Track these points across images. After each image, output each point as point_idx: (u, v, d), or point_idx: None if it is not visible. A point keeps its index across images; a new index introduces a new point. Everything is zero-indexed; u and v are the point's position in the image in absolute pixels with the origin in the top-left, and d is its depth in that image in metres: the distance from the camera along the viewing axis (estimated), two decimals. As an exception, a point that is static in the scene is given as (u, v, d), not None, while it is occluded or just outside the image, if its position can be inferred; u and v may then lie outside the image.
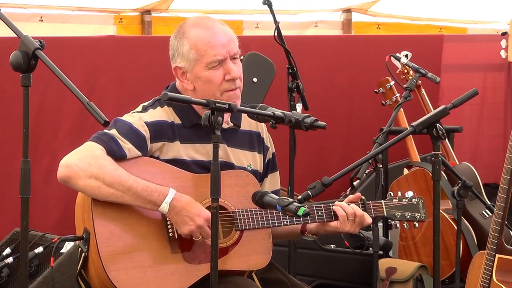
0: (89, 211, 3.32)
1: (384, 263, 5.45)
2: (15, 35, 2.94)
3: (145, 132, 3.42)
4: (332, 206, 3.54)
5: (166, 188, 3.35)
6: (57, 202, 5.69)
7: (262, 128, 3.67)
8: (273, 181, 3.73)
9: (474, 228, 5.56)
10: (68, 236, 3.66)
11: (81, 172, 3.28)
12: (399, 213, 3.68)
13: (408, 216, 3.69)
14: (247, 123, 3.62)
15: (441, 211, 3.95)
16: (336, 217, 3.53)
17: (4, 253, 4.81)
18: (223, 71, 3.46)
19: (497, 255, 4.15)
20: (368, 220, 3.55)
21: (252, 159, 3.63)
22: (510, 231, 5.25)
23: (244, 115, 3.58)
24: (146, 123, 3.43)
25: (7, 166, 5.58)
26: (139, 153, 3.40)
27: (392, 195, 3.72)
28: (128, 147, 3.37)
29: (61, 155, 3.36)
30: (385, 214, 3.66)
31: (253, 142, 3.64)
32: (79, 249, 3.37)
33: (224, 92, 3.46)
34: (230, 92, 3.46)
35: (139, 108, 3.53)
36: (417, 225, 3.71)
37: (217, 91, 3.45)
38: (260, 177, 3.67)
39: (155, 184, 3.35)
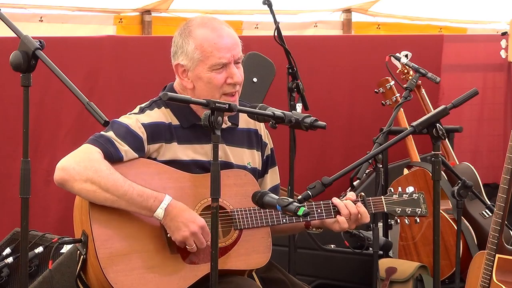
0: (87, 213, 3.32)
1: (384, 263, 5.45)
2: (15, 35, 2.94)
3: (142, 133, 3.41)
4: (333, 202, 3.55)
5: (162, 195, 3.34)
6: (57, 202, 5.68)
7: (259, 125, 3.67)
8: (273, 176, 3.75)
9: (474, 228, 5.56)
10: (66, 239, 3.66)
11: (77, 176, 3.28)
12: (400, 209, 3.67)
13: (409, 212, 3.68)
14: (244, 121, 3.63)
15: (441, 211, 3.95)
16: (335, 214, 3.54)
17: (4, 253, 4.81)
18: (226, 74, 3.46)
19: (497, 255, 4.15)
20: (366, 219, 3.56)
21: (251, 157, 3.63)
22: (510, 231, 5.25)
23: (241, 113, 3.58)
24: (143, 124, 3.43)
25: (7, 166, 5.57)
26: (136, 155, 3.39)
27: (393, 190, 3.71)
28: (125, 149, 3.36)
29: (61, 155, 3.36)
30: (385, 210, 3.66)
31: (251, 139, 3.64)
32: (78, 252, 3.37)
33: (223, 95, 3.46)
34: (229, 96, 3.47)
35: (136, 110, 3.52)
36: (418, 220, 3.70)
37: (216, 93, 3.45)
38: (259, 174, 3.68)
39: (151, 190, 3.34)
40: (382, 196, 3.68)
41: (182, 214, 3.34)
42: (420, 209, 3.69)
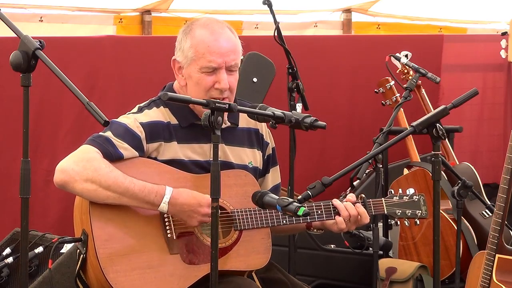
0: (87, 213, 3.32)
1: (384, 263, 5.45)
2: (15, 35, 2.94)
3: (140, 132, 3.41)
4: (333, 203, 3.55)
5: (163, 187, 3.34)
6: (57, 202, 5.68)
7: (261, 124, 3.67)
8: (274, 176, 3.75)
9: (474, 228, 5.56)
10: (66, 238, 3.66)
11: (77, 176, 3.28)
12: (400, 211, 3.67)
13: (409, 214, 3.68)
14: (245, 121, 3.63)
15: (441, 211, 3.95)
16: (335, 214, 3.54)
17: (4, 253, 4.81)
18: (215, 78, 3.46)
19: (497, 255, 4.14)
20: (365, 220, 3.56)
21: (253, 156, 3.63)
22: (510, 231, 5.25)
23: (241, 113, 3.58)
24: (141, 123, 3.43)
25: (7, 166, 5.57)
26: (136, 153, 3.40)
27: (393, 192, 3.71)
28: (125, 147, 3.37)
29: (61, 155, 3.37)
30: (386, 212, 3.66)
31: (252, 139, 3.65)
32: (78, 251, 3.37)
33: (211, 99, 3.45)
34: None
35: (135, 109, 3.53)
36: (418, 222, 3.70)
37: (204, 95, 3.43)
38: (260, 173, 3.68)
39: (151, 184, 3.34)
40: (383, 198, 3.68)
41: (188, 202, 3.35)
42: (420, 211, 3.69)
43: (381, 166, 4.91)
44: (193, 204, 3.35)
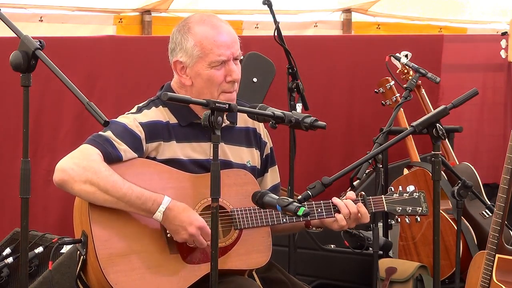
0: (87, 214, 3.32)
1: (384, 263, 5.45)
2: (15, 35, 2.94)
3: (140, 132, 3.41)
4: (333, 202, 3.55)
5: (161, 196, 3.34)
6: (57, 202, 5.68)
7: (258, 124, 3.67)
8: (273, 175, 3.75)
9: (474, 228, 5.56)
10: (66, 239, 3.66)
11: (76, 177, 3.28)
12: (400, 208, 3.67)
13: (409, 210, 3.67)
14: (243, 120, 3.63)
15: (441, 211, 3.95)
16: (335, 212, 3.53)
17: (4, 253, 4.81)
18: (225, 71, 3.46)
19: (497, 255, 4.14)
20: (365, 219, 3.55)
21: (251, 156, 3.63)
22: (510, 231, 5.25)
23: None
24: (141, 123, 3.43)
25: (7, 166, 5.57)
26: (135, 155, 3.39)
27: (393, 189, 3.71)
28: (123, 148, 3.36)
29: (61, 155, 3.36)
30: (386, 209, 3.65)
31: (250, 138, 3.64)
32: (78, 252, 3.37)
33: (222, 93, 3.46)
34: (227, 94, 3.47)
35: (134, 109, 3.53)
36: (418, 219, 3.70)
37: (215, 91, 3.45)
38: (259, 173, 3.68)
39: (150, 192, 3.33)
40: (383, 195, 3.68)
41: (180, 217, 3.33)
42: (420, 208, 3.68)
43: (381, 166, 4.91)
44: (184, 221, 3.34)
